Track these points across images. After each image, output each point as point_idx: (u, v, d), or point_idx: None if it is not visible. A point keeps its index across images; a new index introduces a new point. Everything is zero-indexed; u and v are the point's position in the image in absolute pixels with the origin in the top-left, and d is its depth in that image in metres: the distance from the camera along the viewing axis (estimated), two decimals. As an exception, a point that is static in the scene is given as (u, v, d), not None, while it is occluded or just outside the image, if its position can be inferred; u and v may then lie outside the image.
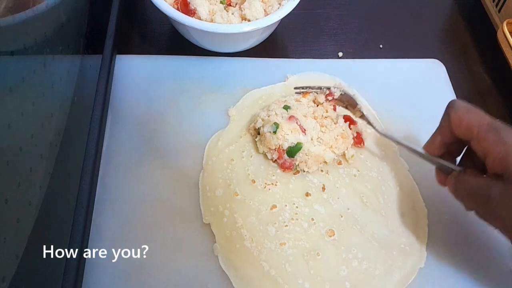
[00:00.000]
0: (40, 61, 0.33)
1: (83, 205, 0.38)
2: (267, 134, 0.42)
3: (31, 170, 0.30)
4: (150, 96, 0.49)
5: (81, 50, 0.43)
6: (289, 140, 0.42)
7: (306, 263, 0.38)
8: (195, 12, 0.48)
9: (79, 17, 0.42)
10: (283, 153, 0.42)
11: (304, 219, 0.41)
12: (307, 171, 0.43)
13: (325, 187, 0.43)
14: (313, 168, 0.43)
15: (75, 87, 0.40)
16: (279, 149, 0.42)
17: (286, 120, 0.42)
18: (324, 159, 0.43)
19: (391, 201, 0.43)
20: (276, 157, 0.43)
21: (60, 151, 0.35)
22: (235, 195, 0.41)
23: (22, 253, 0.28)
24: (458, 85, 0.53)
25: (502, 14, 0.55)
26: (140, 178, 0.43)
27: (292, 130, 0.42)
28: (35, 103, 0.31)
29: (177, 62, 0.52)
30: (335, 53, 0.56)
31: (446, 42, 0.59)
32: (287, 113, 0.43)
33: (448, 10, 0.63)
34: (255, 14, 0.49)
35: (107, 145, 0.45)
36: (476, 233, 0.42)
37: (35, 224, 0.30)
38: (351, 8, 0.61)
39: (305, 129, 0.43)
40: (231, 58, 0.52)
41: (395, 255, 0.39)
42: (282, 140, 0.42)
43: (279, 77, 0.51)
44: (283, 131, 0.42)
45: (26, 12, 0.32)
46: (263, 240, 0.39)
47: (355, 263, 0.39)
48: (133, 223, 0.40)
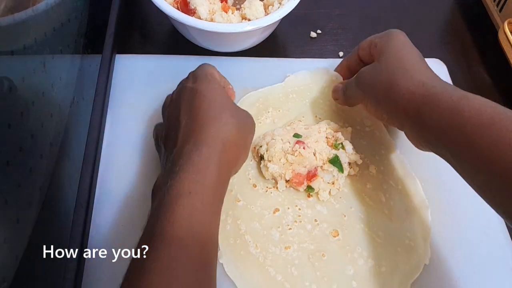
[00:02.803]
0: (40, 61, 0.33)
1: (83, 205, 0.38)
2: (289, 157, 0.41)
3: (31, 170, 0.30)
4: (150, 96, 0.49)
5: (81, 50, 0.43)
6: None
7: (312, 265, 0.38)
8: (195, 11, 0.48)
9: (79, 17, 0.42)
10: (301, 177, 0.41)
11: (307, 220, 0.41)
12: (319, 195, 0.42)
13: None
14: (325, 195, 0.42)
15: (75, 87, 0.40)
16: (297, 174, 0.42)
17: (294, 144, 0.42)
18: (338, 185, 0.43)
19: (393, 199, 0.43)
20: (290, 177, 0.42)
21: (60, 151, 0.35)
22: (237, 201, 0.41)
23: (22, 253, 0.28)
24: (459, 85, 0.52)
25: (503, 14, 0.55)
26: (140, 178, 0.43)
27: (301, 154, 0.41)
28: (35, 103, 0.31)
29: (177, 62, 0.52)
30: (336, 53, 0.56)
31: (447, 42, 0.59)
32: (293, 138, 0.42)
33: (449, 9, 0.63)
34: (255, 13, 0.49)
35: (107, 145, 0.45)
36: (478, 229, 0.42)
37: (35, 224, 0.30)
38: (351, 8, 0.61)
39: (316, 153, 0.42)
40: (231, 58, 0.52)
41: (400, 252, 0.39)
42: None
43: (279, 77, 0.51)
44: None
45: (26, 12, 0.32)
46: (267, 245, 0.39)
47: (360, 261, 0.39)
48: (133, 223, 0.40)
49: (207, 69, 0.42)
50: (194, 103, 0.37)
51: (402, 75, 0.38)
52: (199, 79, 0.40)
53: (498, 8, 0.56)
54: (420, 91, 0.36)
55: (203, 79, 0.40)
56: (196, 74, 0.41)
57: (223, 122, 0.36)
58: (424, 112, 0.35)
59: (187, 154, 0.34)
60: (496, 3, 0.56)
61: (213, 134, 0.35)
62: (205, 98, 0.38)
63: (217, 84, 0.40)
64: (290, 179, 0.41)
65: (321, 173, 0.41)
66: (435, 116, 0.34)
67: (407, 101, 0.36)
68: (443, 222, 0.42)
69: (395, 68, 0.38)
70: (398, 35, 0.41)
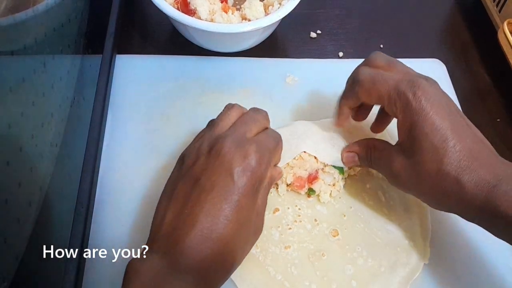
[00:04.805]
0: (40, 61, 0.33)
1: (83, 205, 0.38)
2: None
3: (31, 170, 0.30)
4: (150, 96, 0.49)
5: (81, 50, 0.43)
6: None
7: (312, 265, 0.38)
8: (195, 12, 0.48)
9: (79, 17, 0.42)
10: (302, 181, 0.41)
11: (307, 220, 0.41)
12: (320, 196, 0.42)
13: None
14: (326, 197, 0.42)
15: (75, 87, 0.40)
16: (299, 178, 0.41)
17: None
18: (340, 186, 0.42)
19: (392, 199, 0.43)
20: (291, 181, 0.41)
21: (60, 151, 0.35)
22: None
23: (22, 253, 0.28)
24: (459, 85, 0.53)
25: (502, 14, 0.55)
26: (140, 178, 0.43)
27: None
28: (35, 103, 0.31)
29: (177, 62, 0.52)
30: (336, 53, 0.56)
31: (446, 42, 0.59)
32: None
33: (448, 9, 0.63)
34: (255, 14, 0.49)
35: (107, 145, 0.45)
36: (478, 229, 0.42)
37: (35, 224, 0.30)
38: (351, 8, 0.61)
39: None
40: (231, 58, 0.52)
41: (399, 252, 0.40)
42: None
43: (279, 77, 0.51)
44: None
45: (26, 12, 0.32)
46: (267, 245, 0.39)
47: (360, 261, 0.39)
48: (133, 223, 0.40)
49: (240, 130, 0.34)
50: (205, 205, 0.30)
51: (462, 173, 0.30)
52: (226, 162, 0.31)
53: (498, 8, 0.56)
54: (486, 191, 0.30)
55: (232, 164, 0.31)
56: (224, 147, 0.32)
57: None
58: (493, 207, 0.30)
59: (159, 275, 0.29)
60: (496, 3, 0.56)
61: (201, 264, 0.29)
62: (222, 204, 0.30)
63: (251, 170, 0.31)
64: (291, 182, 0.41)
65: (322, 175, 0.41)
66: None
67: (468, 201, 0.31)
68: (443, 222, 0.42)
69: (448, 159, 0.31)
70: (438, 97, 0.32)
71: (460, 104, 0.51)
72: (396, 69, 0.36)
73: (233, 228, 0.30)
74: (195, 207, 0.30)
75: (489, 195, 0.30)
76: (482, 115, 0.52)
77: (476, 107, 0.52)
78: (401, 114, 0.33)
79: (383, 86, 0.34)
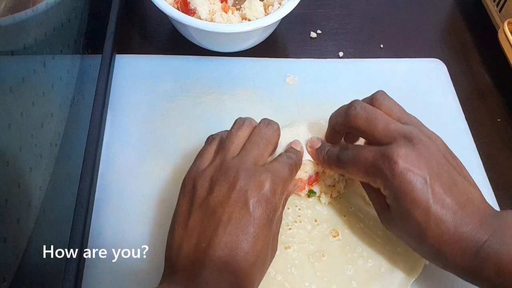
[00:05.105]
0: (40, 61, 0.33)
1: (83, 205, 0.38)
2: None
3: (31, 170, 0.30)
4: (150, 96, 0.49)
5: (81, 50, 0.43)
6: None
7: (312, 265, 0.38)
8: (195, 11, 0.48)
9: (79, 17, 0.42)
10: (302, 183, 0.41)
11: (307, 221, 0.41)
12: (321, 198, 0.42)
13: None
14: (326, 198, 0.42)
15: (75, 87, 0.40)
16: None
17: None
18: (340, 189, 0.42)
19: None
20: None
21: (60, 151, 0.35)
22: None
23: (22, 253, 0.28)
24: (459, 85, 0.53)
25: (503, 14, 0.55)
26: (140, 178, 0.43)
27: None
28: (35, 103, 0.31)
29: (177, 62, 0.52)
30: (336, 53, 0.56)
31: (447, 42, 0.59)
32: None
33: (448, 9, 0.63)
34: (255, 14, 0.49)
35: (107, 145, 0.45)
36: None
37: (35, 224, 0.30)
38: (351, 8, 0.61)
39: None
40: (231, 58, 0.52)
41: (400, 252, 0.39)
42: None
43: (279, 77, 0.51)
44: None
45: (26, 12, 0.32)
46: None
47: (360, 261, 0.39)
48: (133, 223, 0.40)
49: (254, 152, 0.34)
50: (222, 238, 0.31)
51: (444, 245, 0.32)
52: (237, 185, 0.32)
53: (498, 8, 0.56)
54: (468, 259, 0.31)
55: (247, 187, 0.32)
56: (235, 168, 0.33)
57: None
58: (483, 269, 0.31)
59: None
60: (496, 3, 0.56)
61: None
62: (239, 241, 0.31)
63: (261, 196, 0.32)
64: None
65: (323, 177, 0.41)
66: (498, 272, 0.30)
67: (451, 267, 0.33)
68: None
69: (430, 233, 0.32)
70: (423, 160, 0.32)
71: (460, 104, 0.51)
72: (393, 115, 0.37)
73: (250, 259, 0.31)
74: (213, 240, 0.31)
75: (471, 262, 0.31)
76: (483, 115, 0.52)
77: (476, 107, 0.52)
78: (383, 190, 0.34)
79: (363, 164, 0.35)
